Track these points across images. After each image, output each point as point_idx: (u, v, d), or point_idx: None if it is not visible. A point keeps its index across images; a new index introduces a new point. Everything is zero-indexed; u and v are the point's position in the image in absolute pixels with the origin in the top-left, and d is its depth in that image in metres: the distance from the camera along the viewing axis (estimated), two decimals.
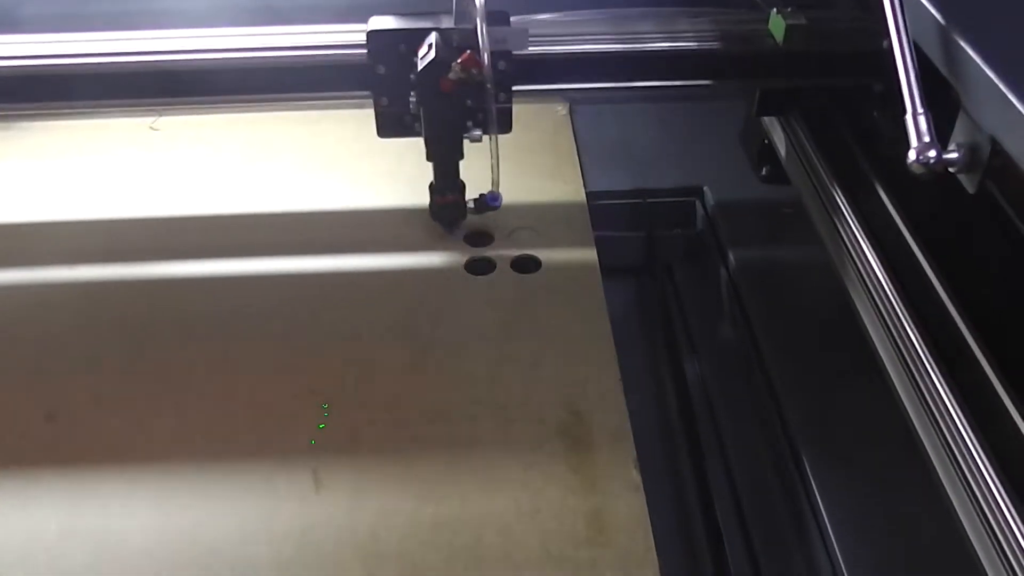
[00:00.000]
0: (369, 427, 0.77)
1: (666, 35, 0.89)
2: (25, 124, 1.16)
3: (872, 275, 0.75)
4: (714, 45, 0.88)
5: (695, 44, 0.88)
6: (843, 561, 0.69)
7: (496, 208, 0.92)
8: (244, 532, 0.70)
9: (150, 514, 0.71)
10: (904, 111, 0.55)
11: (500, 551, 0.68)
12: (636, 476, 0.73)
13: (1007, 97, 0.48)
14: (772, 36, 0.88)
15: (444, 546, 0.69)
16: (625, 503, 0.71)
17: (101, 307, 0.89)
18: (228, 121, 1.16)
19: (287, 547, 0.69)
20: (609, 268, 0.93)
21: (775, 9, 0.87)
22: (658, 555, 0.67)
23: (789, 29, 0.86)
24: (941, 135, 0.55)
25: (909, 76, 0.54)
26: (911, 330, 0.68)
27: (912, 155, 0.55)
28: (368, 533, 0.70)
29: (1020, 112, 0.47)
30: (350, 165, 1.08)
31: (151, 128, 1.16)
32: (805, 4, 0.87)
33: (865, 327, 0.74)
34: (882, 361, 0.71)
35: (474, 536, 0.69)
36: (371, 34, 0.84)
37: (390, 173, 1.04)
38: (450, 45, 0.82)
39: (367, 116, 0.89)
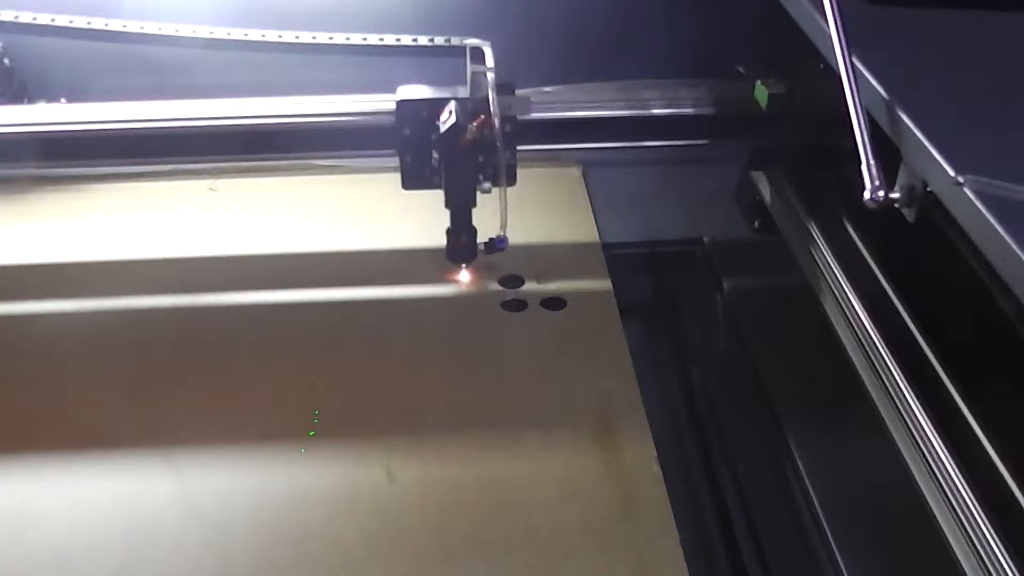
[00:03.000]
0: (430, 428, 0.91)
1: (654, 102, 1.02)
2: (96, 185, 1.26)
3: (844, 296, 0.89)
4: (707, 110, 1.02)
5: (692, 109, 1.02)
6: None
7: (503, 250, 1.03)
8: (332, 511, 0.84)
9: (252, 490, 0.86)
10: (860, 162, 0.71)
11: (548, 526, 0.82)
12: (657, 470, 0.88)
13: (932, 152, 0.64)
14: (757, 103, 1.01)
15: (502, 523, 0.83)
16: (649, 491, 0.85)
17: (189, 325, 1.04)
18: (279, 184, 1.27)
19: (370, 523, 0.83)
20: (623, 306, 1.07)
21: (759, 80, 1.01)
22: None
23: (771, 97, 0.99)
24: (888, 179, 0.71)
25: (863, 136, 0.70)
26: (877, 340, 0.82)
27: (867, 194, 0.71)
28: (437, 514, 0.84)
29: (940, 163, 0.63)
30: (391, 223, 1.20)
31: (210, 189, 1.27)
32: (783, 75, 1.01)
33: (839, 338, 0.88)
34: (853, 364, 0.85)
35: (526, 515, 0.83)
36: (400, 103, 0.97)
37: (430, 227, 1.11)
38: (467, 111, 0.95)
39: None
